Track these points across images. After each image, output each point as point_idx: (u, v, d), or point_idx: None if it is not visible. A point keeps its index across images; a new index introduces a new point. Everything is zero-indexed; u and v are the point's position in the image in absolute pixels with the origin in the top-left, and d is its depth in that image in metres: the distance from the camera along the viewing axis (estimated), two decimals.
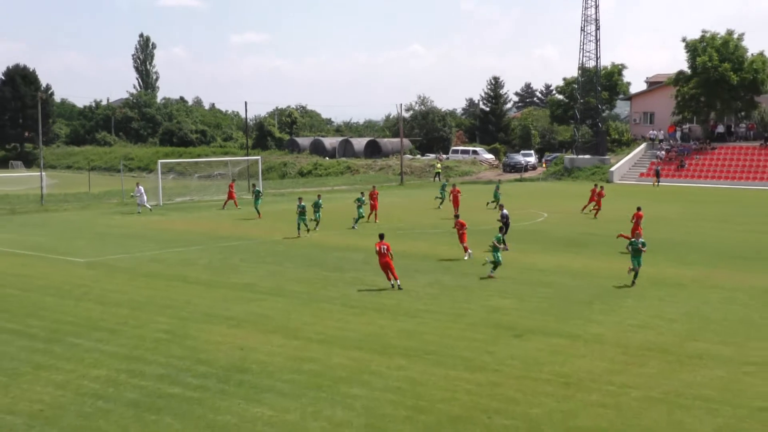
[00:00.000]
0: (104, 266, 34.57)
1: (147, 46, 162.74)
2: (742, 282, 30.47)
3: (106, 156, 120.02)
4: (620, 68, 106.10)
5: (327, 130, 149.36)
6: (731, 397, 17.87)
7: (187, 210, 58.89)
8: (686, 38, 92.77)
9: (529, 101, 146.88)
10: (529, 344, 22.13)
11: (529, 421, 16.50)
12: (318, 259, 35.64)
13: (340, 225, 48.72)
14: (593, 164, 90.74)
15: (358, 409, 17.21)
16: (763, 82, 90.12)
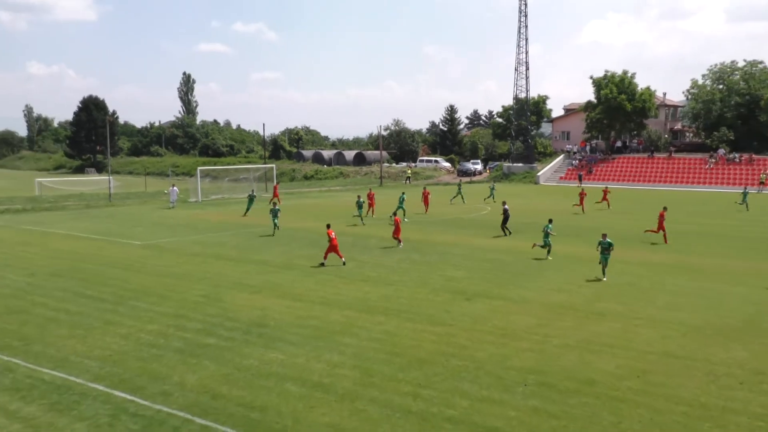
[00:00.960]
0: (156, 247, 34.43)
1: (189, 82, 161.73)
2: (632, 258, 30.70)
3: (158, 164, 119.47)
4: (544, 98, 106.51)
5: (325, 144, 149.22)
6: (626, 343, 18.06)
7: (220, 205, 58.65)
8: (593, 76, 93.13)
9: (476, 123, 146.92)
10: (476, 305, 22.25)
11: (476, 361, 16.63)
12: (318, 242, 35.58)
13: (336, 216, 48.68)
14: (524, 170, 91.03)
15: (349, 354, 17.32)
16: (649, 109, 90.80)
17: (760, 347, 17.59)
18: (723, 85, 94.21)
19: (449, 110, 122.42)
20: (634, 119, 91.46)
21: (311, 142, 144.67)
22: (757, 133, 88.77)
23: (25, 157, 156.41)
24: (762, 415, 13.38)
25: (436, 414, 13.53)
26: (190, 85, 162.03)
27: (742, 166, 79.82)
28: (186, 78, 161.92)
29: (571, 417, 13.35)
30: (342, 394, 14.58)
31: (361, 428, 12.90)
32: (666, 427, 12.90)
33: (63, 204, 58.24)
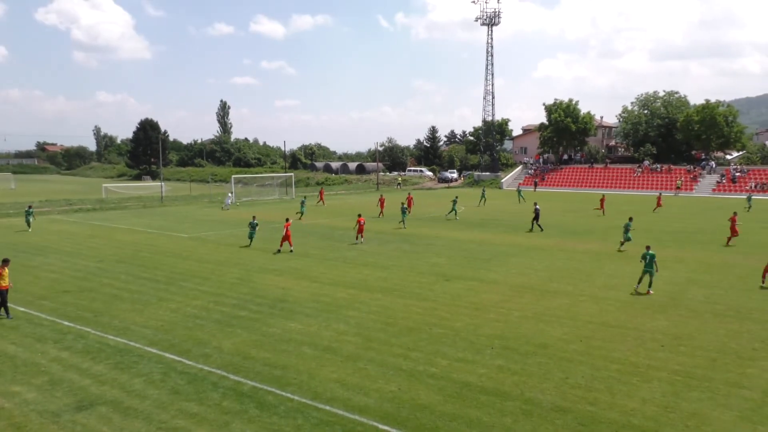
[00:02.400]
0: (200, 239, 34.27)
1: (225, 107, 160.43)
2: (577, 247, 30.67)
3: (200, 173, 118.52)
4: (507, 121, 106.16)
5: (333, 157, 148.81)
6: (572, 315, 18.04)
7: (250, 205, 58.41)
8: (545, 103, 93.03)
9: (453, 140, 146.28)
10: (454, 285, 22.20)
11: (454, 330, 16.58)
12: (328, 235, 35.52)
13: (342, 213, 48.59)
14: (491, 178, 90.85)
15: (352, 324, 17.25)
16: (590, 130, 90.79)
17: (679, 318, 17.59)
18: (647, 110, 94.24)
19: (431, 130, 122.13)
20: (577, 137, 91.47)
21: (322, 155, 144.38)
22: (674, 149, 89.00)
23: (94, 167, 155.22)
24: (679, 371, 13.37)
25: (422, 371, 13.49)
26: (226, 110, 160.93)
27: (663, 174, 79.86)
28: (223, 104, 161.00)
29: (529, 373, 13.32)
30: (347, 356, 14.53)
31: (361, 383, 12.85)
32: (604, 381, 12.88)
33: (124, 204, 57.92)
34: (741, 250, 29.55)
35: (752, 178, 72.77)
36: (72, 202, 58.44)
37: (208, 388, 12.58)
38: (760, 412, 11.32)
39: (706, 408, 11.50)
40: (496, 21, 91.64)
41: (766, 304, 18.97)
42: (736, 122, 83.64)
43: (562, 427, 10.79)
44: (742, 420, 10.99)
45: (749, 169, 76.19)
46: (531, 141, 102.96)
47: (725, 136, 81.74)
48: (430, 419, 11.15)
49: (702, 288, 21.43)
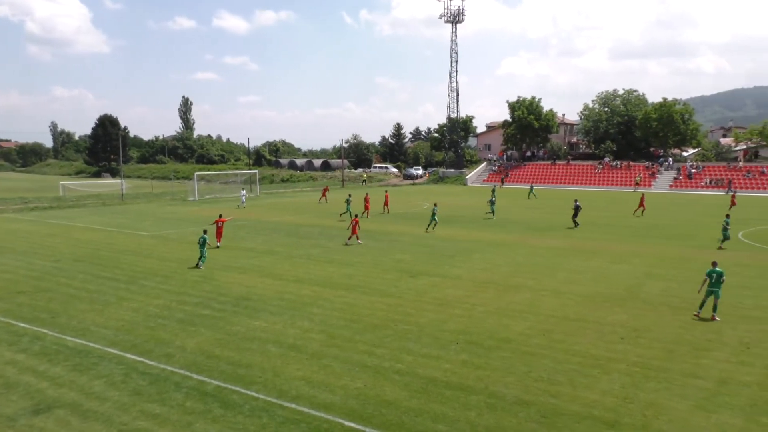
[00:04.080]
0: (161, 237, 33.70)
1: (187, 103, 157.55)
2: (540, 243, 31.15)
3: (162, 170, 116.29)
4: (471, 118, 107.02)
5: (298, 154, 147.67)
6: (534, 309, 18.31)
7: (213, 203, 57.69)
8: (509, 101, 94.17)
9: (418, 137, 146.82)
10: (419, 281, 22.32)
11: (419, 326, 16.69)
12: (293, 232, 35.31)
13: (307, 211, 48.34)
14: (456, 175, 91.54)
15: (317, 321, 17.21)
16: (552, 127, 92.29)
17: (637, 311, 18.03)
18: (607, 108, 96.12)
19: (396, 127, 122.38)
20: (540, 134, 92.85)
21: (287, 152, 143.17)
22: (634, 146, 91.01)
23: (51, 164, 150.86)
24: (637, 362, 13.72)
25: (387, 368, 13.55)
26: (189, 106, 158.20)
27: (622, 170, 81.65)
28: (185, 100, 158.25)
29: (493, 368, 13.50)
30: (312, 353, 14.49)
31: (327, 380, 12.84)
32: (565, 373, 13.13)
33: (83, 203, 56.54)
34: (696, 244, 30.42)
35: (707, 175, 74.96)
36: (28, 200, 56.75)
37: (171, 389, 12.41)
38: (714, 400, 11.71)
39: (662, 398, 11.83)
40: (460, 18, 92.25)
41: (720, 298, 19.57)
42: (692, 120, 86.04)
43: (525, 420, 10.98)
44: (697, 409, 11.34)
45: (704, 166, 78.50)
46: (495, 138, 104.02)
47: (682, 134, 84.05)
48: (396, 415, 11.22)
49: (659, 282, 22.00)
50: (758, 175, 71.99)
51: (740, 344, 14.92)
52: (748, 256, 27.19)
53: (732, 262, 25.51)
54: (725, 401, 11.66)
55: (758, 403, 11.53)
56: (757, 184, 70.27)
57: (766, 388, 12.26)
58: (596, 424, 10.77)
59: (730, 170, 75.06)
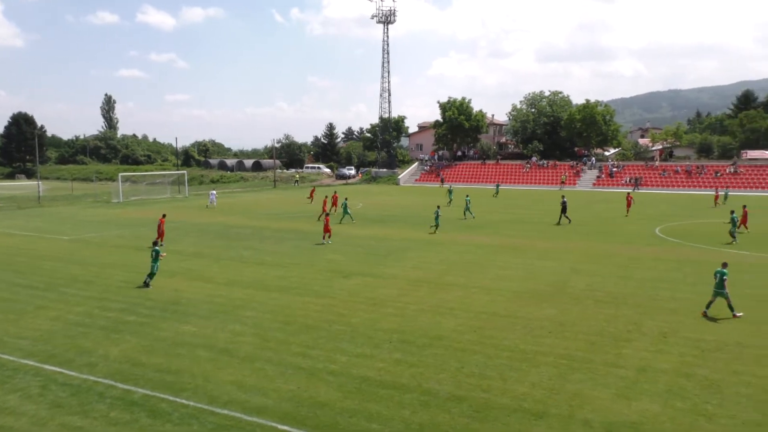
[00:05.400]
0: (82, 241, 32.29)
1: (110, 101, 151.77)
2: (471, 241, 31.77)
3: (83, 171, 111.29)
4: (403, 118, 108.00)
5: (228, 154, 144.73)
6: (465, 306, 18.67)
7: (139, 204, 55.77)
8: (440, 101, 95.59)
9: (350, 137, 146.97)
10: (352, 281, 22.33)
11: (352, 325, 16.70)
12: (223, 234, 34.59)
13: (237, 212, 47.45)
14: (388, 174, 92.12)
15: (249, 324, 16.96)
16: (482, 127, 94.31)
17: (564, 306, 18.68)
18: (534, 109, 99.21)
19: (329, 127, 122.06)
20: (470, 134, 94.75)
21: (217, 152, 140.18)
22: (559, 145, 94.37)
23: None
24: (564, 355, 14.23)
25: (321, 369, 13.49)
26: (112, 105, 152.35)
27: (549, 169, 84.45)
28: (107, 98, 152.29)
29: (426, 365, 13.67)
30: (244, 357, 14.25)
31: (260, 383, 12.66)
32: (496, 368, 13.46)
33: None
34: (618, 240, 31.82)
35: (627, 173, 78.55)
36: None
37: (94, 399, 11.91)
38: (634, 388, 12.28)
39: (587, 388, 12.32)
40: (391, 19, 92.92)
41: (639, 290, 20.57)
42: (613, 121, 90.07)
43: (458, 415, 11.18)
44: (618, 397, 11.87)
45: (624, 165, 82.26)
46: (427, 138, 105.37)
47: (604, 134, 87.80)
48: (330, 416, 11.19)
49: (584, 277, 22.88)
50: (673, 173, 76.05)
51: (658, 334, 15.72)
52: (664, 250, 28.67)
53: (650, 256, 26.85)
54: (644, 388, 12.26)
55: (674, 389, 12.18)
56: (671, 182, 74.19)
57: (682, 374, 12.97)
58: (526, 416, 11.10)
59: (648, 169, 78.94)
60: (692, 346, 14.69)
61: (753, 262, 25.14)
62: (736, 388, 12.19)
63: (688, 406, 11.41)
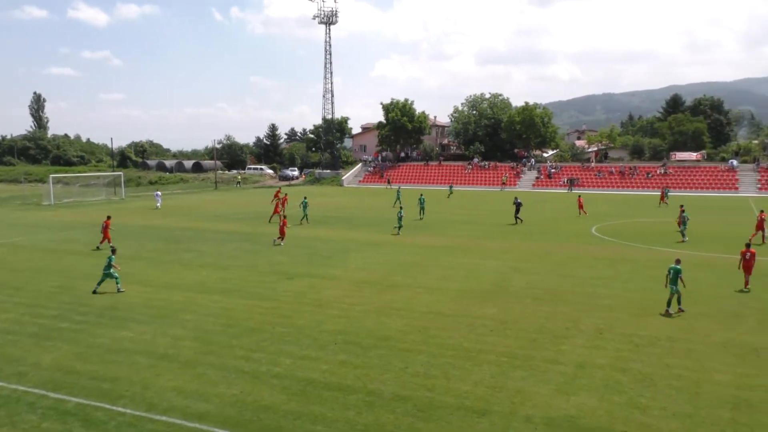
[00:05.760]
0: (11, 246, 30.80)
1: (39, 100, 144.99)
2: (415, 241, 32.01)
3: (10, 172, 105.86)
4: (346, 119, 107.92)
5: (167, 155, 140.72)
6: (410, 306, 18.78)
7: (73, 207, 53.67)
8: (383, 102, 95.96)
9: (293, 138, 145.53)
10: (297, 283, 22.14)
11: (297, 327, 16.56)
12: (162, 236, 33.67)
13: (177, 214, 46.32)
14: (332, 175, 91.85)
15: (190, 328, 16.57)
16: (425, 128, 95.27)
17: (505, 304, 19.05)
18: (475, 111, 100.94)
19: (271, 128, 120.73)
20: (413, 136, 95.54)
21: (155, 153, 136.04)
22: (500, 147, 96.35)
23: None
24: (505, 353, 14.51)
25: (265, 372, 13.31)
26: (41, 104, 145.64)
27: (490, 171, 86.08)
28: (36, 97, 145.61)
29: (371, 366, 13.68)
30: (185, 362, 13.91)
31: (201, 389, 12.38)
32: (440, 367, 13.60)
33: None
34: (556, 239, 32.71)
35: (565, 174, 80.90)
36: None
37: (24, 410, 11.37)
38: (573, 383, 12.65)
39: (528, 385, 12.60)
40: (333, 20, 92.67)
41: (576, 288, 21.21)
42: (551, 123, 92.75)
43: (403, 415, 11.24)
44: (558, 392, 12.20)
45: (562, 166, 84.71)
46: (370, 139, 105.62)
47: (542, 136, 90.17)
48: (274, 419, 11.05)
49: (524, 275, 23.41)
50: (607, 174, 78.82)
51: (595, 331, 16.24)
52: (600, 249, 29.66)
53: (586, 255, 27.73)
54: (582, 384, 12.64)
55: (610, 384, 12.61)
56: (606, 182, 76.87)
57: (618, 369, 13.44)
58: (469, 414, 11.26)
59: (584, 170, 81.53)
60: (627, 342, 15.24)
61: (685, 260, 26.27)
62: (667, 381, 12.72)
63: (623, 399, 11.83)
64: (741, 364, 13.64)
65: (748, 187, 69.88)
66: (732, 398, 11.79)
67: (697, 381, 12.69)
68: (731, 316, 17.50)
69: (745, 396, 11.88)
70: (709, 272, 23.54)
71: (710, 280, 22.11)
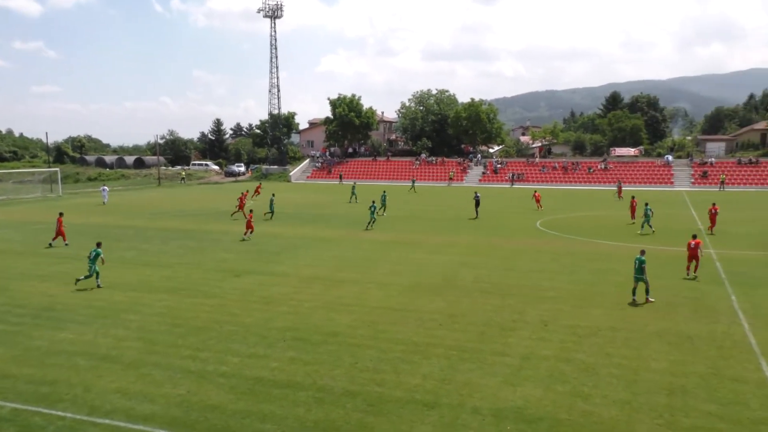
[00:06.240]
0: None
1: None
2: (364, 237, 32.06)
3: None
4: (293, 114, 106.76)
5: (107, 151, 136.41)
6: (360, 301, 18.81)
7: (5, 205, 51.35)
8: (330, 98, 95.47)
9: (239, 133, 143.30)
10: (244, 280, 21.86)
11: (245, 325, 16.36)
12: (103, 234, 32.57)
13: (118, 211, 44.95)
14: (279, 171, 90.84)
15: (134, 328, 16.14)
16: (372, 124, 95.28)
17: (454, 298, 19.31)
18: (422, 107, 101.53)
19: (216, 123, 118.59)
20: (361, 131, 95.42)
21: (94, 148, 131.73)
22: (447, 143, 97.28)
23: None
24: (454, 346, 14.71)
25: (212, 371, 13.09)
26: None
27: (437, 166, 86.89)
28: None
29: (321, 362, 13.65)
30: (128, 363, 13.54)
31: (146, 390, 12.08)
32: (390, 362, 13.68)
33: None
34: (502, 234, 33.34)
35: (510, 170, 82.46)
36: None
37: None
38: (519, 375, 12.94)
39: (476, 377, 12.82)
40: (278, 14, 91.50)
41: (522, 281, 21.69)
42: (497, 119, 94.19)
43: (353, 410, 11.26)
44: (505, 384, 12.46)
45: (507, 161, 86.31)
46: (317, 134, 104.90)
47: (488, 132, 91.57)
48: (222, 419, 10.89)
49: (472, 269, 23.77)
50: (551, 169, 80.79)
51: (540, 322, 16.65)
52: (544, 242, 30.39)
53: (531, 248, 28.37)
54: (528, 375, 12.95)
55: (555, 374, 12.96)
56: (550, 177, 78.78)
57: (562, 360, 13.82)
58: (418, 407, 11.37)
59: (529, 165, 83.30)
60: (570, 333, 15.69)
61: (623, 253, 27.22)
62: (608, 369, 13.17)
63: (567, 389, 12.18)
64: (676, 351, 14.26)
65: (683, 181, 72.88)
66: (667, 384, 12.31)
67: (635, 369, 13.19)
68: (667, 306, 18.25)
69: (680, 382, 12.42)
70: (647, 264, 24.40)
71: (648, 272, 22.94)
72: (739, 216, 33.93)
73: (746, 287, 20.32)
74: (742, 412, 11.00)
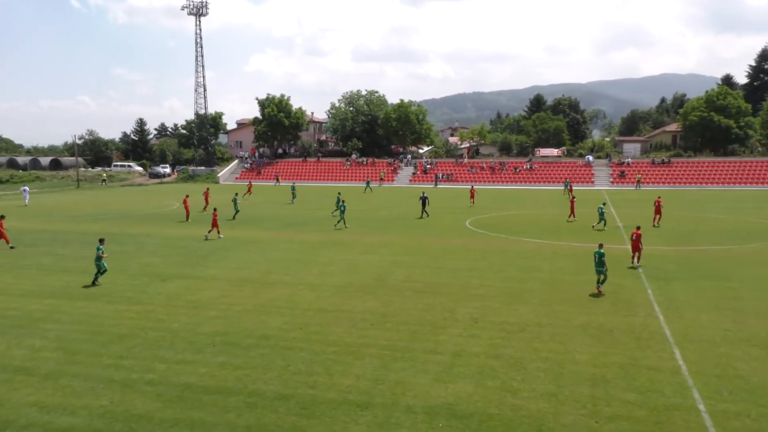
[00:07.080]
0: None
1: None
2: (295, 238, 31.74)
3: None
4: (221, 114, 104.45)
5: (20, 151, 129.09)
6: (291, 304, 18.61)
7: None
8: (258, 98, 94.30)
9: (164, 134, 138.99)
10: (171, 284, 21.21)
11: (172, 331, 15.88)
12: (17, 239, 30.82)
13: (35, 216, 42.64)
14: (207, 172, 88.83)
15: (52, 338, 15.37)
16: (302, 124, 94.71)
17: (386, 298, 19.40)
18: (353, 107, 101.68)
19: (139, 123, 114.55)
20: (291, 132, 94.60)
21: (5, 149, 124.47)
22: (377, 143, 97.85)
23: None
24: (387, 346, 14.79)
25: (137, 379, 12.63)
26: None
27: (368, 167, 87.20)
28: None
29: (252, 366, 13.41)
30: (46, 374, 12.86)
31: (65, 402, 11.52)
32: (322, 363, 13.60)
33: None
34: (432, 233, 33.80)
35: (439, 170, 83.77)
36: None
37: None
38: (450, 372, 13.16)
39: (409, 376, 12.93)
40: (203, 11, 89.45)
41: (452, 279, 22.06)
42: (426, 120, 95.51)
43: (285, 414, 11.12)
44: (437, 381, 12.63)
45: (437, 162, 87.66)
46: (246, 135, 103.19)
47: (417, 133, 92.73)
48: (149, 428, 10.52)
49: (404, 269, 23.97)
50: (479, 169, 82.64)
51: (470, 320, 16.98)
52: (473, 241, 31.03)
53: (461, 247, 28.89)
54: (459, 371, 13.18)
55: (485, 370, 13.25)
56: (478, 177, 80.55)
57: (491, 356, 14.15)
58: (351, 408, 11.36)
59: (458, 166, 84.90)
60: (499, 329, 16.08)
61: (547, 250, 28.14)
62: (536, 363, 13.59)
63: (497, 384, 12.48)
64: (597, 343, 14.87)
65: (603, 180, 76.21)
66: (590, 376, 12.82)
67: (561, 362, 13.66)
68: (588, 300, 19.01)
69: (602, 373, 12.97)
70: (570, 260, 25.37)
71: (570, 268, 23.86)
72: (652, 214, 35.94)
73: (661, 281, 21.43)
74: (658, 400, 11.60)
